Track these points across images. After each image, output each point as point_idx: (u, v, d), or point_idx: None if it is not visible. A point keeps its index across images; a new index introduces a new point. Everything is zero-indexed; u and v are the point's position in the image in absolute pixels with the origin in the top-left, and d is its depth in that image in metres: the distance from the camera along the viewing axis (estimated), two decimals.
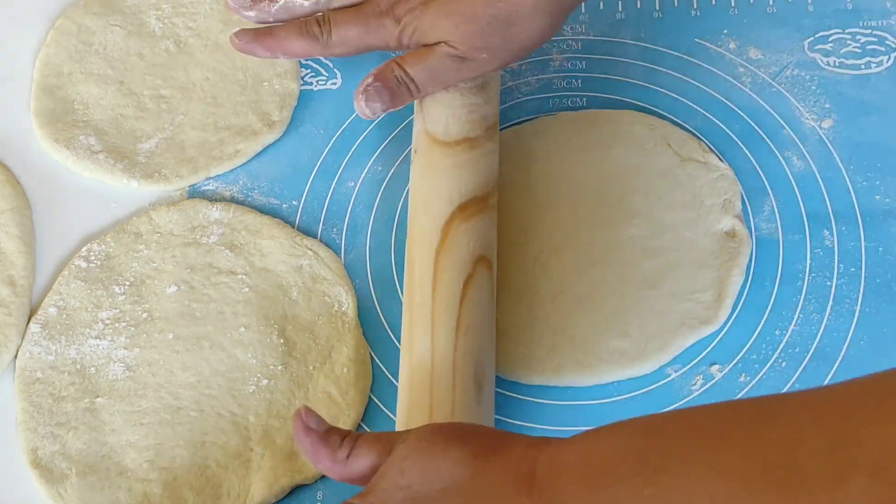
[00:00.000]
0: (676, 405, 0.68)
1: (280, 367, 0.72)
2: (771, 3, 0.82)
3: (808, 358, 0.69)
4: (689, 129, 0.77)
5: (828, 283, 0.71)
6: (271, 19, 0.76)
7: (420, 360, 0.65)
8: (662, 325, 0.70)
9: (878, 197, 0.73)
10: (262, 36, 0.75)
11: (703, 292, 0.71)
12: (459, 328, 0.66)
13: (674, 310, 0.70)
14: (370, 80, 0.72)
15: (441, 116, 0.72)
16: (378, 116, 0.73)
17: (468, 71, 0.72)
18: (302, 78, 0.84)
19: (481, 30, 0.70)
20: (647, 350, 0.70)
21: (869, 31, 0.79)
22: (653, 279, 0.71)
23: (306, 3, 0.75)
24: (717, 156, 0.75)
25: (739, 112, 0.77)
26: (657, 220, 0.73)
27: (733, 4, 0.82)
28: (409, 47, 0.73)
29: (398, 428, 0.65)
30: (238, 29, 0.77)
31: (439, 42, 0.71)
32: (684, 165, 0.75)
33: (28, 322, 0.76)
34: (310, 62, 0.84)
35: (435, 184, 0.71)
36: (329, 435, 0.60)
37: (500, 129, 0.79)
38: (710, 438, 0.47)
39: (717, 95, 0.78)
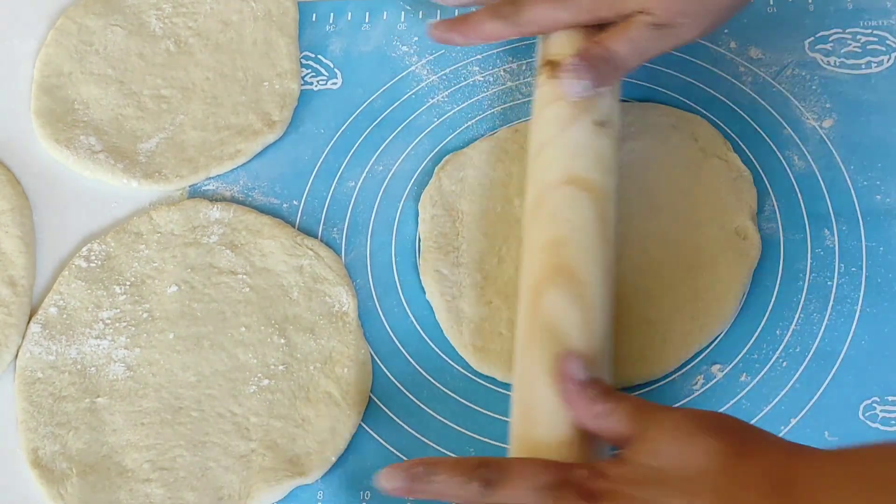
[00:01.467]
0: (677, 405, 0.68)
1: (281, 368, 0.72)
2: (771, 2, 0.81)
3: (808, 358, 0.69)
4: None
5: (828, 283, 0.71)
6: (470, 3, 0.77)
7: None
8: (681, 324, 0.70)
9: (878, 196, 0.73)
10: (457, 24, 0.75)
11: (713, 290, 0.70)
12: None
13: (691, 309, 0.70)
14: (572, 59, 0.69)
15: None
16: (583, 97, 0.69)
17: (670, 39, 0.70)
18: (302, 78, 0.84)
19: None
20: (665, 351, 0.69)
21: (869, 31, 0.79)
22: (671, 277, 0.71)
23: None
24: (739, 157, 0.74)
25: (740, 112, 0.77)
26: (675, 215, 0.73)
27: None
28: (604, 20, 0.71)
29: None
30: (435, 21, 0.77)
31: (636, 12, 0.69)
32: (706, 161, 0.74)
33: (28, 322, 0.76)
34: (310, 62, 0.84)
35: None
36: (589, 386, 0.61)
37: (505, 127, 0.79)
38: None
39: (718, 95, 0.78)
